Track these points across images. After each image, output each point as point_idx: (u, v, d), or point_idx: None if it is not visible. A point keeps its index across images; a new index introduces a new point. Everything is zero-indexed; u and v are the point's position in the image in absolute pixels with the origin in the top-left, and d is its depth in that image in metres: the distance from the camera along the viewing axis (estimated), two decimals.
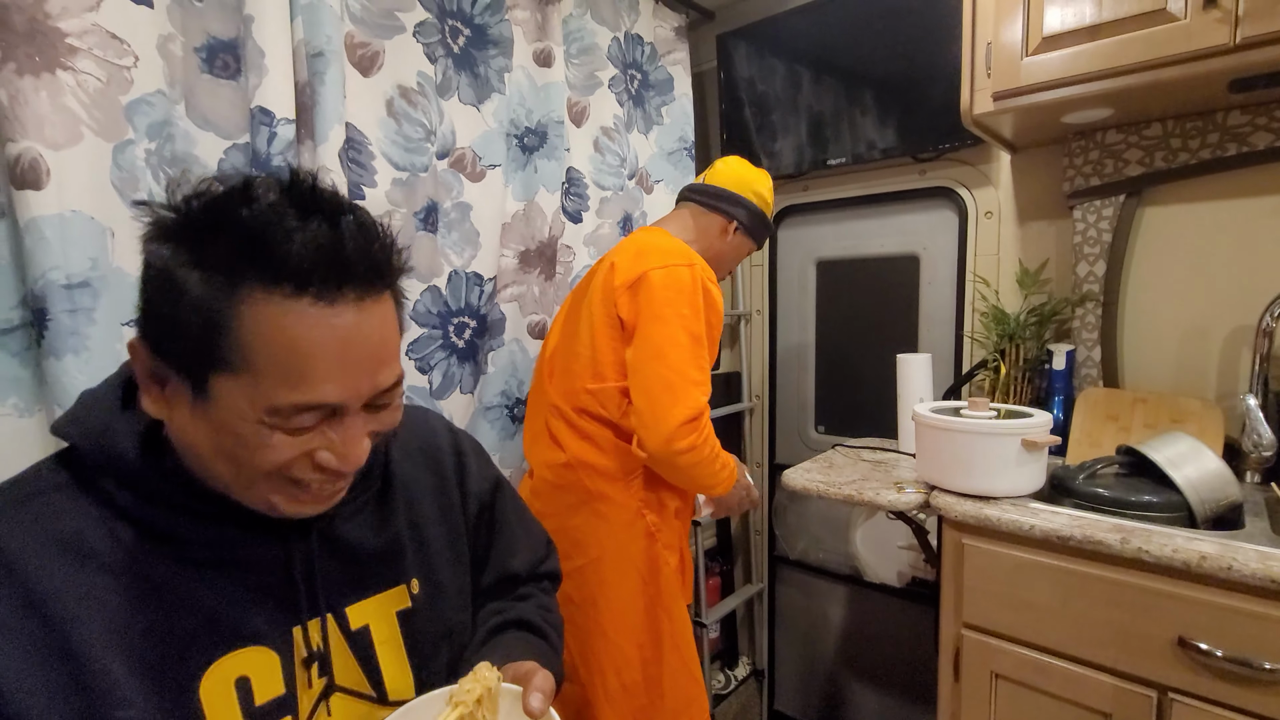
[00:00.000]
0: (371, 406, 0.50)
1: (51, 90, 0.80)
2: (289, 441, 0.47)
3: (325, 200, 0.46)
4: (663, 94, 1.66)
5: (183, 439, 0.48)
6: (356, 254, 0.46)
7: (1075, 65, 1.02)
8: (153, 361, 0.46)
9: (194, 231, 0.44)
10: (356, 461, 0.50)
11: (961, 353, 1.54)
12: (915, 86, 1.49)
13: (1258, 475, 1.08)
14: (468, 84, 1.26)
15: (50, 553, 0.46)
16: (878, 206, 1.68)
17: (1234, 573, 0.77)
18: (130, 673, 0.46)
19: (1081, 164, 1.28)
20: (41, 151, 0.79)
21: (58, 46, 0.81)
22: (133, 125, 0.87)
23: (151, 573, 0.49)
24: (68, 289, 0.79)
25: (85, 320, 0.81)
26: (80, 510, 0.48)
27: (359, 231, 0.46)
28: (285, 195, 0.46)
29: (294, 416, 0.46)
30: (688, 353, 1.00)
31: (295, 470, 0.48)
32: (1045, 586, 0.93)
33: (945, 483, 1.07)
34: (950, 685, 1.05)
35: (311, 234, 0.44)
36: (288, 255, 0.43)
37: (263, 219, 0.44)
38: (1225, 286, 1.20)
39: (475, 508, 0.72)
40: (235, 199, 0.45)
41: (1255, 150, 1.13)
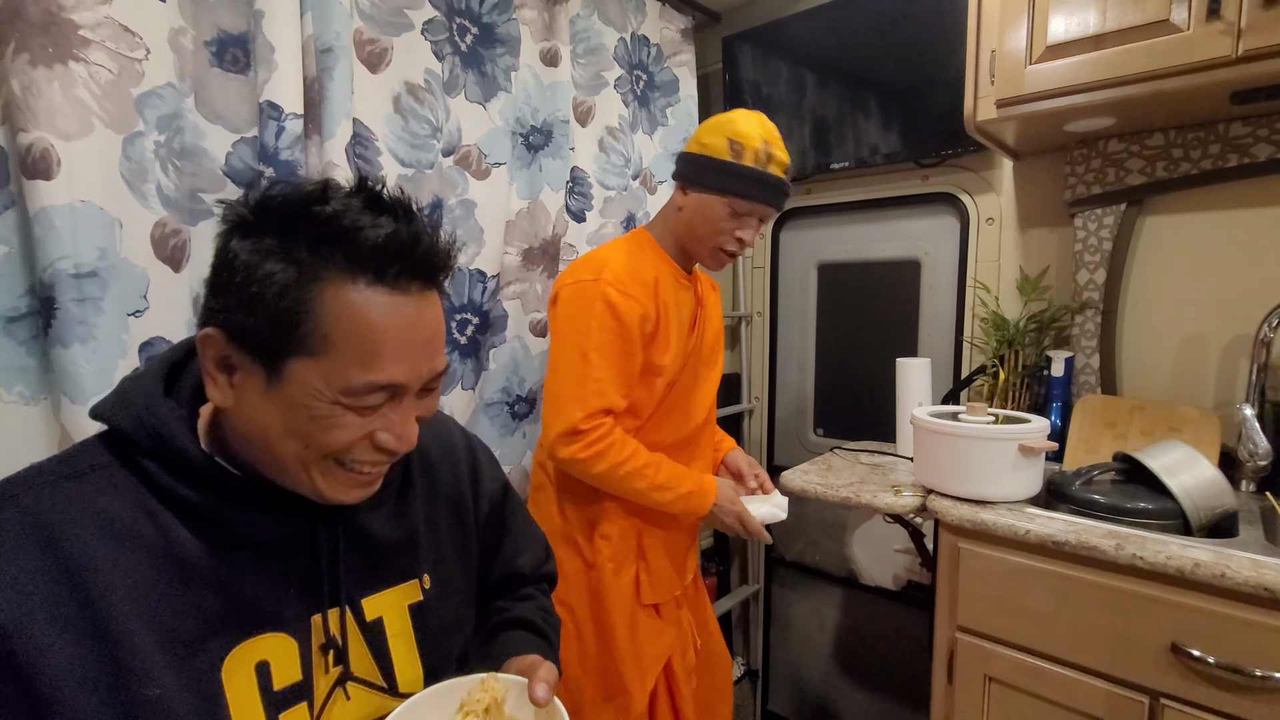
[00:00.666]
0: (422, 391, 0.55)
1: (64, 81, 0.81)
2: (357, 421, 0.50)
3: (396, 201, 0.51)
4: (668, 95, 1.67)
5: (250, 424, 0.51)
6: (429, 250, 0.51)
7: (1079, 74, 1.03)
8: (227, 348, 0.49)
9: (275, 225, 0.48)
10: (410, 441, 0.54)
11: (961, 358, 1.55)
12: (919, 92, 1.50)
13: (1253, 484, 1.09)
14: (474, 82, 1.26)
15: (91, 529, 0.47)
16: (880, 211, 1.69)
17: (1227, 580, 0.78)
18: (159, 651, 0.47)
19: (1083, 172, 1.29)
20: (53, 142, 0.79)
21: (71, 38, 0.81)
22: (143, 117, 0.88)
23: (185, 554, 0.50)
24: (76, 278, 0.80)
25: (93, 310, 0.81)
26: (121, 490, 0.50)
27: (430, 234, 0.52)
28: (355, 196, 0.50)
29: (366, 396, 0.50)
30: (574, 368, 1.03)
31: (356, 451, 0.52)
32: (1040, 591, 0.93)
33: (942, 486, 1.07)
34: (943, 688, 1.06)
35: (390, 229, 0.49)
36: (367, 245, 0.48)
37: (343, 214, 0.48)
38: (1224, 296, 1.21)
39: (487, 507, 0.74)
40: (313, 198, 0.49)
41: (1256, 162, 1.14)
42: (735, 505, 1.14)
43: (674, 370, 1.13)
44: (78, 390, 0.79)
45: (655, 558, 1.16)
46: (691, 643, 1.24)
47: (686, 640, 1.22)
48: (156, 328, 0.89)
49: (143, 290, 0.87)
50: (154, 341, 0.88)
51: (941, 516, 1.04)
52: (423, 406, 0.56)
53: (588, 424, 1.02)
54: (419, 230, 0.50)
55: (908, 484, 1.17)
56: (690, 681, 1.22)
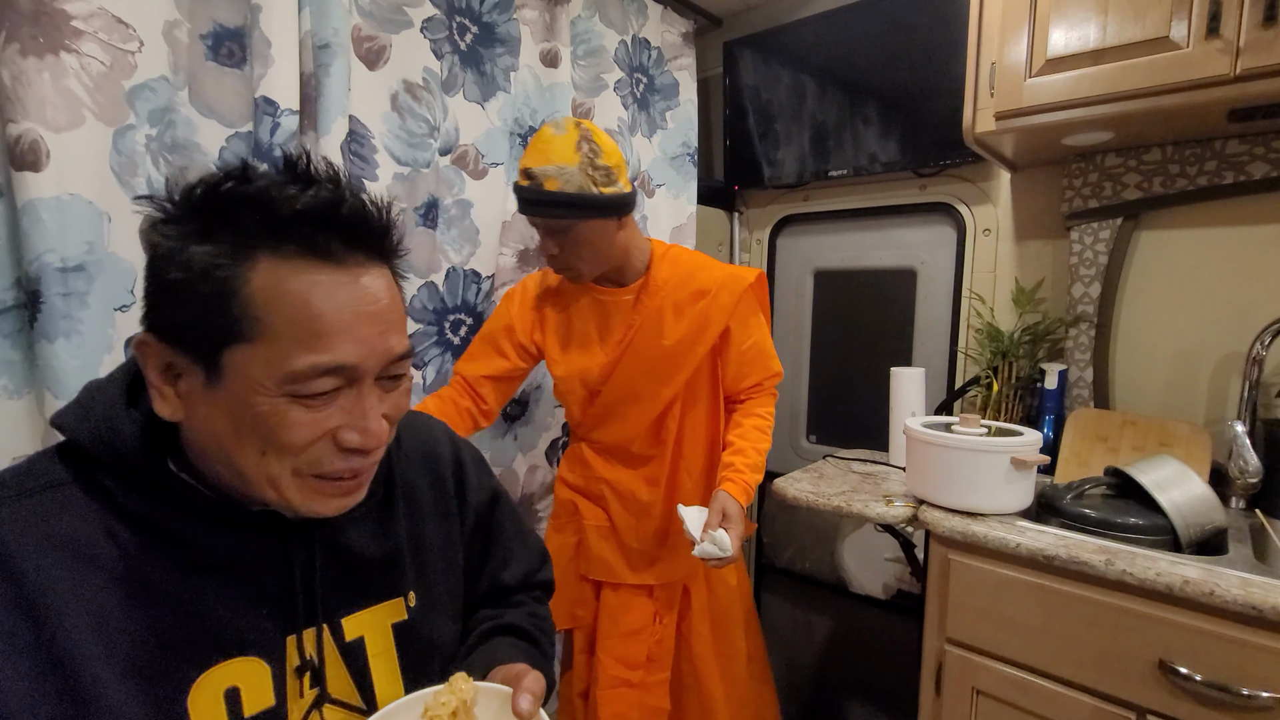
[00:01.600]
0: (384, 379, 0.51)
1: (54, 72, 0.80)
2: (308, 418, 0.47)
3: (323, 172, 0.48)
4: (667, 98, 1.67)
5: (203, 434, 0.48)
6: (356, 215, 0.47)
7: (1078, 88, 1.03)
8: (163, 352, 0.46)
9: (197, 211, 0.45)
10: (378, 436, 0.50)
11: (955, 368, 1.55)
12: (918, 102, 1.50)
13: (1243, 501, 1.09)
14: (473, 81, 1.26)
15: (46, 551, 0.45)
16: (877, 219, 1.69)
17: (1215, 598, 0.78)
18: (119, 680, 0.45)
19: (1080, 186, 1.29)
20: (42, 133, 0.78)
21: (62, 28, 0.80)
22: (134, 110, 0.87)
23: (148, 576, 0.48)
24: (62, 272, 0.79)
25: (79, 304, 0.80)
26: (80, 508, 0.47)
27: (359, 195, 0.48)
28: (282, 173, 0.47)
29: (312, 381, 0.46)
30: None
31: (320, 456, 0.48)
32: (1029, 605, 0.93)
33: (934, 498, 1.07)
34: (931, 699, 1.06)
35: (312, 196, 0.46)
36: (291, 214, 0.45)
37: (265, 189, 0.45)
38: (1217, 313, 1.21)
39: (473, 519, 0.72)
40: (235, 178, 0.46)
41: (1252, 180, 1.14)
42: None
43: (576, 379, 1.16)
44: (61, 386, 0.78)
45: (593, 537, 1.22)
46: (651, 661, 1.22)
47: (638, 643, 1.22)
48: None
49: (130, 285, 0.86)
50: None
51: (933, 528, 1.03)
52: (390, 403, 0.51)
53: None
54: (343, 193, 0.47)
55: (899, 494, 1.17)
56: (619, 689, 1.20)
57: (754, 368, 1.19)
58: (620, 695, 1.19)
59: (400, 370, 0.52)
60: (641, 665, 1.21)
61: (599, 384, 1.16)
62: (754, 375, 1.20)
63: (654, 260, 1.16)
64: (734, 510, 1.07)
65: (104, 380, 0.53)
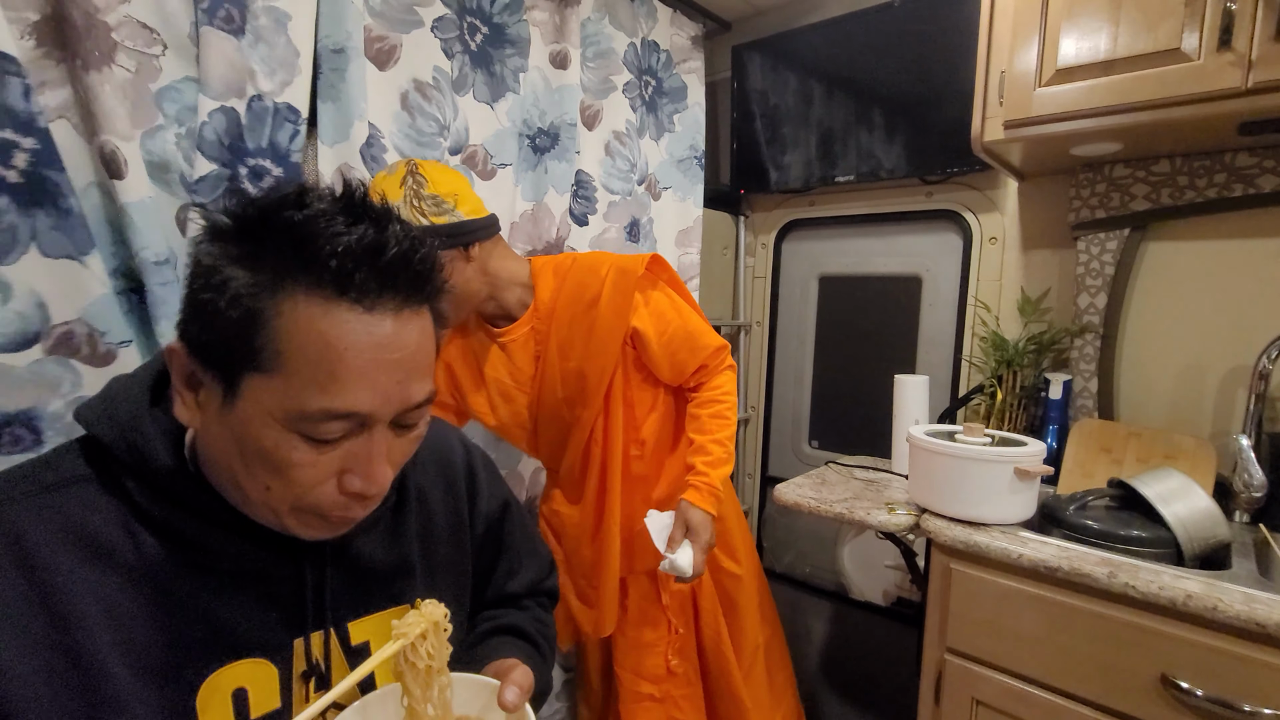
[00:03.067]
0: (398, 425, 0.50)
1: (112, 83, 0.82)
2: (313, 458, 0.46)
3: (374, 209, 0.47)
4: (676, 101, 1.67)
5: (214, 448, 0.48)
6: (399, 260, 0.46)
7: (1088, 99, 1.03)
8: (189, 362, 0.46)
9: (244, 232, 0.45)
10: (381, 484, 0.49)
11: (959, 376, 1.54)
12: (926, 109, 1.50)
13: (1247, 515, 1.09)
14: (483, 82, 1.26)
15: (66, 547, 0.45)
16: (883, 226, 1.69)
17: (1219, 613, 0.78)
18: (132, 677, 0.46)
19: (1088, 196, 1.29)
20: (117, 144, 0.81)
21: (107, 39, 0.82)
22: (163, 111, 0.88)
23: (163, 576, 0.48)
24: (157, 265, 0.85)
25: (172, 292, 0.86)
26: (101, 506, 0.47)
27: (404, 238, 0.47)
28: (336, 202, 0.46)
29: (322, 424, 0.45)
30: None
31: (320, 498, 0.48)
32: (1031, 616, 0.93)
33: (936, 506, 1.07)
34: (930, 709, 1.05)
35: (357, 237, 0.44)
36: (332, 255, 0.44)
37: (311, 221, 0.44)
38: (1224, 326, 1.21)
39: (483, 527, 0.72)
40: (288, 203, 0.45)
41: (1261, 193, 1.14)
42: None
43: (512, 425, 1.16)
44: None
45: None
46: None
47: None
48: None
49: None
50: None
51: (935, 537, 1.03)
52: (399, 448, 0.51)
53: None
54: (388, 237, 0.46)
55: (902, 502, 1.16)
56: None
57: (689, 354, 1.11)
58: (645, 710, 1.16)
59: (415, 419, 0.51)
60: (664, 679, 1.17)
61: (531, 423, 1.15)
62: (693, 361, 1.12)
63: (536, 280, 1.10)
64: (697, 520, 1.04)
65: (129, 377, 0.53)
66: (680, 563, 1.01)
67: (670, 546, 1.03)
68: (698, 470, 1.08)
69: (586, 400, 1.10)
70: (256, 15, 0.93)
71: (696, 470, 1.08)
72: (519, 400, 1.13)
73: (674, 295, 1.14)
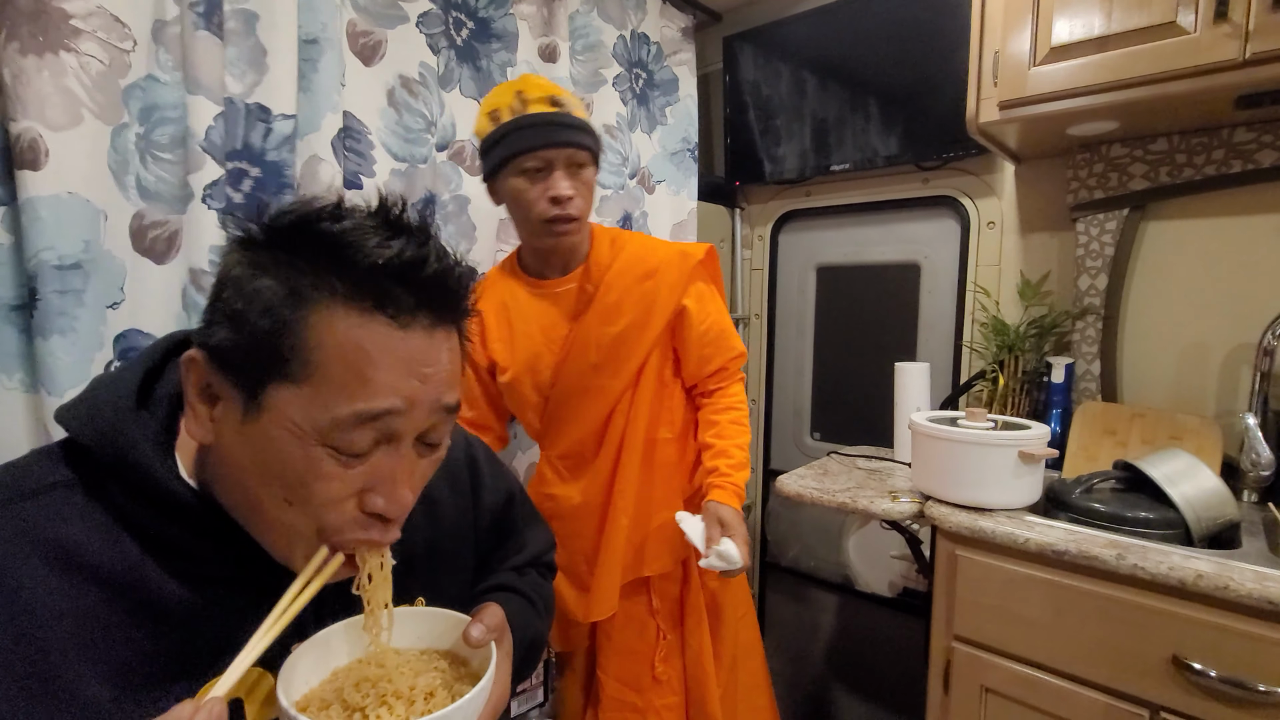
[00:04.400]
0: (422, 444, 0.49)
1: (53, 70, 0.79)
2: (339, 472, 0.45)
3: (413, 224, 0.47)
4: (667, 94, 1.65)
5: (228, 464, 0.46)
6: (437, 278, 0.46)
7: (1083, 76, 1.01)
8: (208, 373, 0.45)
9: (279, 243, 0.44)
10: (404, 506, 0.48)
11: (960, 363, 1.53)
12: (920, 94, 1.48)
13: (1255, 494, 1.07)
14: (470, 77, 1.25)
15: (41, 560, 0.43)
16: (880, 214, 1.67)
17: (1230, 592, 0.76)
18: (113, 697, 0.43)
19: (1085, 176, 1.28)
20: (41, 132, 0.78)
21: (61, 27, 0.80)
22: (128, 109, 0.86)
23: (150, 586, 0.46)
24: (59, 270, 0.79)
25: (74, 301, 0.80)
26: (81, 513, 0.45)
27: (443, 256, 0.46)
28: (374, 216, 0.46)
29: (352, 431, 0.44)
30: None
31: (343, 521, 0.46)
32: (1038, 601, 0.92)
33: (940, 493, 1.06)
34: (939, 698, 1.04)
35: (396, 250, 0.44)
36: (371, 268, 0.43)
37: (351, 233, 0.44)
38: (1227, 303, 1.19)
39: (487, 520, 0.71)
40: (325, 215, 0.45)
41: (1260, 168, 1.12)
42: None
43: (527, 383, 1.07)
44: (54, 382, 0.77)
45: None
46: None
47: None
48: (129, 320, 0.87)
49: (120, 283, 0.86)
50: (128, 334, 0.87)
51: (939, 523, 1.02)
52: (421, 469, 0.50)
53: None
54: (428, 253, 0.45)
55: (905, 490, 1.15)
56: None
57: (717, 349, 1.11)
58: (624, 719, 1.13)
59: (439, 436, 0.50)
60: (648, 687, 1.14)
61: (549, 386, 1.08)
62: (718, 358, 1.12)
63: (594, 243, 1.08)
64: (730, 518, 1.03)
65: (113, 377, 0.50)
66: (730, 553, 0.97)
67: (708, 545, 1.01)
68: (722, 471, 1.07)
69: (618, 369, 1.07)
70: (228, 18, 0.92)
71: (721, 471, 1.07)
72: (544, 359, 1.07)
73: (717, 291, 1.15)
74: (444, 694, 0.50)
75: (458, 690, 0.51)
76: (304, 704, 0.49)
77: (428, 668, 0.53)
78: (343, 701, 0.48)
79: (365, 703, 0.48)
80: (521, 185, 0.97)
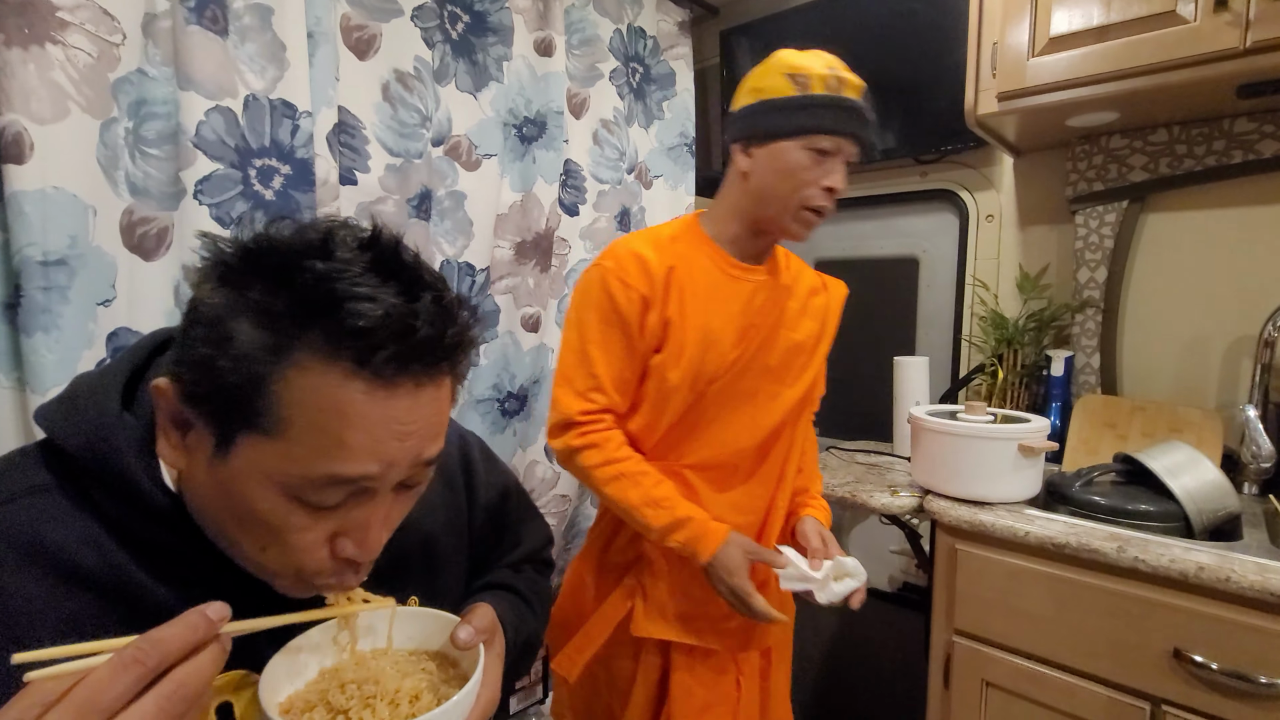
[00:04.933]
0: (402, 486, 0.47)
1: (40, 64, 0.78)
2: (309, 523, 0.43)
3: (405, 268, 0.43)
4: (664, 88, 1.65)
5: (202, 496, 0.45)
6: (429, 340, 0.42)
7: (1082, 67, 1.01)
8: (179, 405, 0.43)
9: (258, 276, 0.41)
10: (374, 551, 0.46)
11: (959, 357, 1.52)
12: (919, 88, 1.48)
13: (1256, 487, 1.07)
14: (465, 71, 1.24)
15: (23, 564, 0.42)
16: (878, 208, 1.67)
17: (1232, 584, 0.76)
18: None
19: (1085, 169, 1.27)
20: (26, 125, 0.77)
21: (48, 20, 0.79)
22: (118, 103, 0.85)
23: (137, 590, 0.45)
24: (43, 266, 0.77)
25: (59, 298, 0.79)
26: (64, 517, 0.44)
27: (436, 313, 0.42)
28: (364, 253, 0.42)
29: (323, 490, 0.42)
30: (573, 362, 0.92)
31: (320, 566, 0.45)
32: (1039, 594, 0.91)
33: (940, 487, 1.05)
34: (940, 693, 1.04)
35: (385, 308, 0.40)
36: (354, 328, 0.39)
37: (336, 278, 0.40)
38: (1227, 295, 1.19)
39: (482, 518, 0.70)
40: (312, 249, 0.41)
41: (1261, 158, 1.12)
42: (735, 577, 0.86)
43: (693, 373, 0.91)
44: (38, 380, 0.77)
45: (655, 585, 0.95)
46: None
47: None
48: (124, 318, 0.86)
49: (112, 279, 0.85)
50: (120, 332, 0.86)
51: (939, 517, 1.01)
52: (399, 506, 0.48)
53: (584, 418, 0.92)
54: (418, 311, 0.41)
55: (905, 484, 1.14)
56: None
57: (820, 385, 1.04)
58: None
59: (420, 479, 0.48)
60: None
61: (708, 381, 0.92)
62: (817, 393, 1.05)
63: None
64: (830, 537, 0.94)
65: (95, 376, 0.48)
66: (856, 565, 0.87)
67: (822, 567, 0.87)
68: (813, 494, 1.03)
69: (796, 377, 0.98)
70: (240, 14, 0.91)
71: (812, 493, 1.03)
72: (719, 348, 0.92)
73: None
74: (429, 697, 0.49)
75: (444, 693, 0.50)
76: (287, 705, 0.48)
77: (415, 669, 0.52)
78: (326, 703, 0.47)
79: (349, 705, 0.47)
80: (805, 162, 0.88)
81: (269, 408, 0.40)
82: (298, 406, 0.40)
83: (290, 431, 0.40)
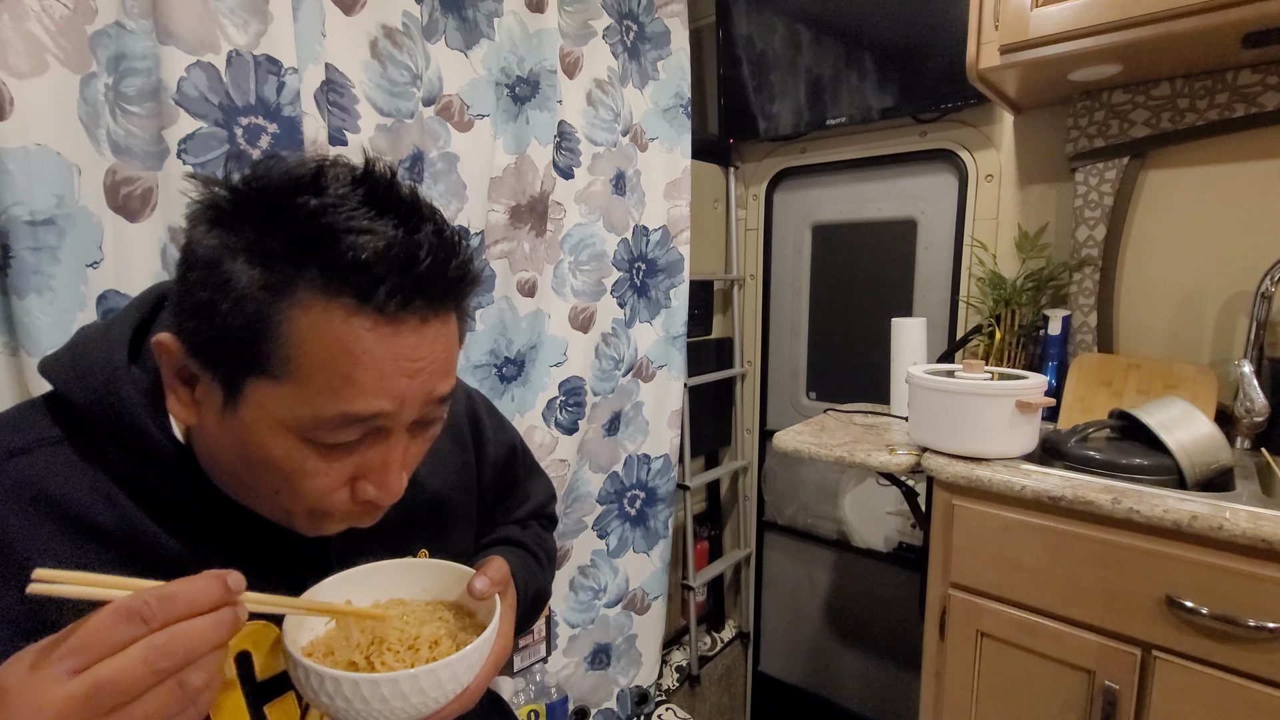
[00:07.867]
0: (417, 424, 0.47)
1: (14, 14, 0.75)
2: (325, 467, 0.43)
3: (403, 201, 0.42)
4: (659, 47, 1.61)
5: (214, 448, 0.45)
6: (431, 271, 0.41)
7: (1086, 17, 0.99)
8: (183, 357, 0.42)
9: (250, 218, 0.40)
10: (396, 492, 0.46)
11: (957, 318, 1.52)
12: (918, 45, 1.45)
13: (1248, 440, 1.08)
14: (455, 27, 1.20)
15: (37, 517, 0.42)
16: (876, 169, 1.65)
17: (1224, 532, 0.77)
18: None
19: (1086, 125, 1.26)
20: (5, 79, 0.74)
21: None
22: (96, 57, 0.82)
23: (150, 544, 0.45)
24: (31, 225, 0.76)
25: (49, 259, 0.77)
26: (74, 470, 0.44)
27: (438, 245, 0.42)
28: (358, 188, 0.41)
29: (338, 430, 0.42)
30: None
31: (334, 506, 0.45)
32: (1034, 547, 0.92)
33: (937, 444, 1.06)
34: (935, 644, 1.06)
35: (384, 240, 0.39)
36: (354, 261, 0.39)
37: (331, 212, 0.39)
38: (1225, 251, 1.18)
39: (490, 474, 0.70)
40: (303, 186, 0.40)
41: (1264, 111, 1.10)
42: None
43: None
44: (33, 342, 0.75)
45: None
46: None
47: None
48: (112, 280, 0.84)
49: (99, 241, 0.83)
50: (108, 295, 0.84)
51: (936, 474, 1.02)
52: (415, 448, 0.48)
53: None
54: (420, 242, 0.41)
55: (902, 443, 1.15)
56: None
57: None
58: None
59: (435, 415, 0.48)
60: None
61: None
62: None
63: None
64: None
65: (101, 329, 0.48)
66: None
67: None
68: None
69: None
70: None
71: None
72: None
73: None
74: (448, 643, 0.50)
75: (462, 640, 0.51)
76: (309, 650, 0.49)
77: (433, 618, 0.53)
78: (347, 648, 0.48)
79: (370, 650, 0.48)
80: None
81: (274, 350, 0.40)
82: (303, 346, 0.40)
83: (298, 373, 0.40)
